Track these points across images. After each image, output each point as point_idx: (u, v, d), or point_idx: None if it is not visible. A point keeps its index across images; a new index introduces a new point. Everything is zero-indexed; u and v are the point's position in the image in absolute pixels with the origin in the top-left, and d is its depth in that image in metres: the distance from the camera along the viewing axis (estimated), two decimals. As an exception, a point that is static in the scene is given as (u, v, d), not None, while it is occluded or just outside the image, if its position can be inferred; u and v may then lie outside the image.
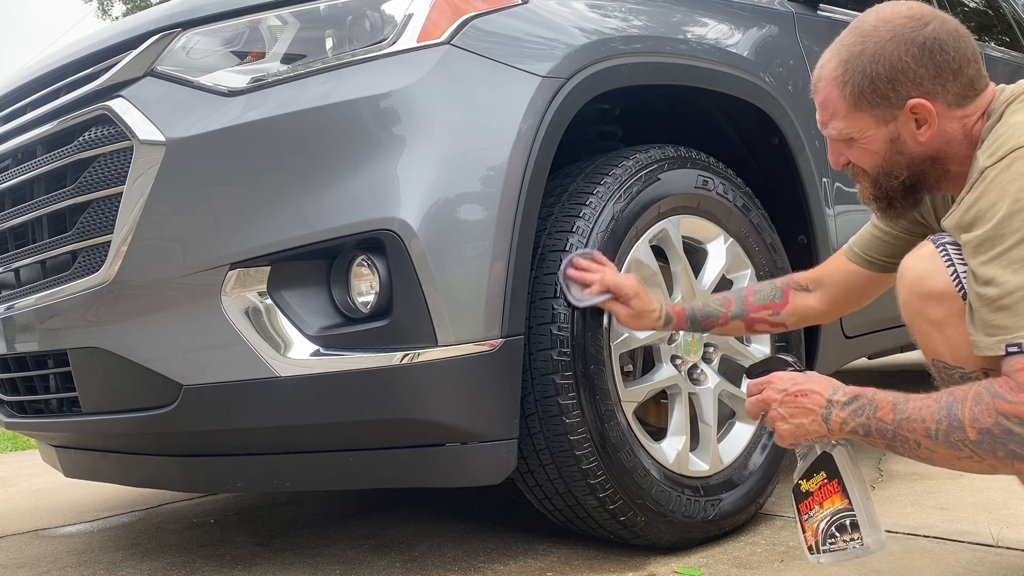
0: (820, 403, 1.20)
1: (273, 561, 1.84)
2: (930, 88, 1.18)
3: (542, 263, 1.58)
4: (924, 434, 1.08)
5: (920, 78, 1.18)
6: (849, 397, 1.17)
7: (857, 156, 1.27)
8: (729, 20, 2.04)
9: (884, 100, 1.20)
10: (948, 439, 1.06)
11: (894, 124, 1.21)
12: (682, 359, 1.75)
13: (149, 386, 1.53)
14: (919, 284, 1.16)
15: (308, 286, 1.48)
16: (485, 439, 1.47)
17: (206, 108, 1.50)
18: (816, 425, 1.20)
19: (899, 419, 1.11)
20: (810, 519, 1.27)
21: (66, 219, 1.61)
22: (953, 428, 1.06)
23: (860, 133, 1.24)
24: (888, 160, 1.24)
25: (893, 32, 1.19)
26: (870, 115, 1.22)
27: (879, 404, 1.14)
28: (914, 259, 1.18)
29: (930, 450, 1.09)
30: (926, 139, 1.20)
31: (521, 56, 1.55)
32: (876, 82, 1.19)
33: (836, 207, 2.13)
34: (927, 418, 1.08)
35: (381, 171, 1.43)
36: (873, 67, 1.19)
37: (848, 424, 1.16)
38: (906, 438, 1.10)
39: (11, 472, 3.48)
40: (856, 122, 1.23)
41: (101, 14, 20.97)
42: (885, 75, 1.19)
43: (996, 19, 3.73)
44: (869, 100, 1.21)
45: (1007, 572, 1.46)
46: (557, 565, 1.65)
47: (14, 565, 1.99)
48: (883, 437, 1.13)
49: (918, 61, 1.17)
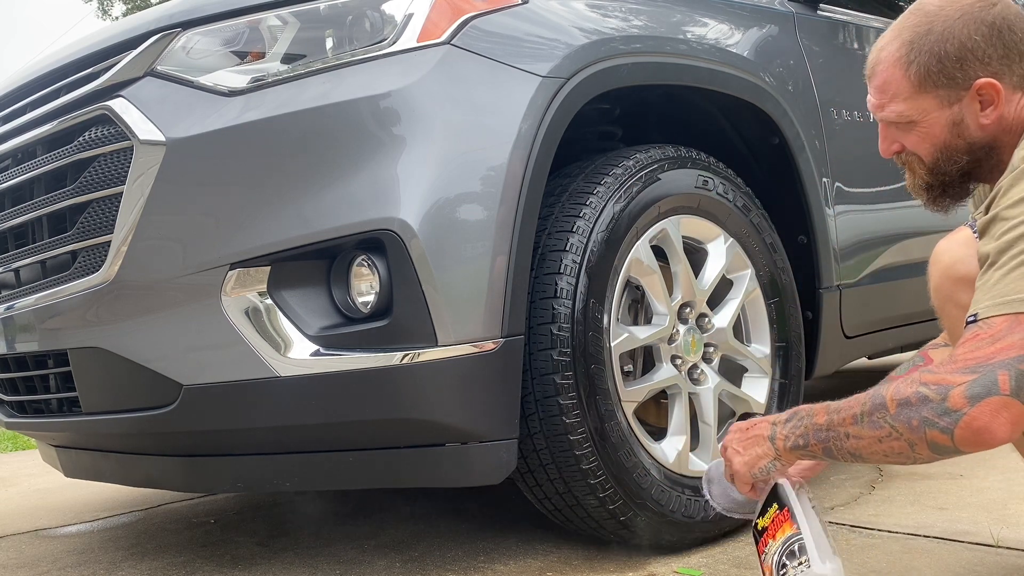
0: (766, 428, 1.21)
1: (273, 561, 1.84)
2: (997, 68, 1.16)
3: (542, 263, 1.58)
4: (851, 421, 1.07)
5: (989, 58, 1.15)
6: (789, 414, 1.18)
7: (915, 141, 1.23)
8: (729, 20, 2.04)
9: (951, 80, 1.17)
10: (871, 419, 1.05)
11: (958, 106, 1.18)
12: (682, 359, 1.75)
13: (149, 386, 1.53)
14: (953, 268, 1.15)
15: (308, 286, 1.48)
16: (485, 439, 1.47)
17: (206, 108, 1.50)
18: (764, 448, 1.20)
19: (831, 416, 1.10)
20: (766, 556, 1.22)
21: (66, 219, 1.61)
22: (876, 407, 1.05)
23: (922, 115, 1.21)
24: (948, 144, 1.21)
25: (962, 11, 1.17)
26: (934, 96, 1.19)
27: (815, 412, 1.14)
28: (949, 243, 1.18)
29: (856, 437, 1.07)
30: (991, 121, 1.18)
31: (521, 56, 1.55)
32: (944, 61, 1.17)
33: (836, 207, 2.13)
34: (854, 405, 1.08)
35: (381, 171, 1.43)
36: (941, 46, 1.17)
37: (790, 438, 1.16)
38: (837, 432, 1.09)
39: (11, 472, 3.48)
40: (919, 103, 1.20)
41: (101, 14, 20.98)
42: (954, 54, 1.16)
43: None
44: (935, 80, 1.18)
45: (1007, 572, 1.46)
46: (557, 565, 1.65)
47: (14, 565, 1.99)
48: (819, 440, 1.12)
49: (988, 40, 1.15)
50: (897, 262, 2.30)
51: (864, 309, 2.22)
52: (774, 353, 1.92)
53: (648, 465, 1.63)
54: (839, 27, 2.39)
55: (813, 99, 2.13)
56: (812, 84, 2.14)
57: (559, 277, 1.56)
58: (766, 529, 1.23)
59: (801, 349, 1.97)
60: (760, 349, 1.90)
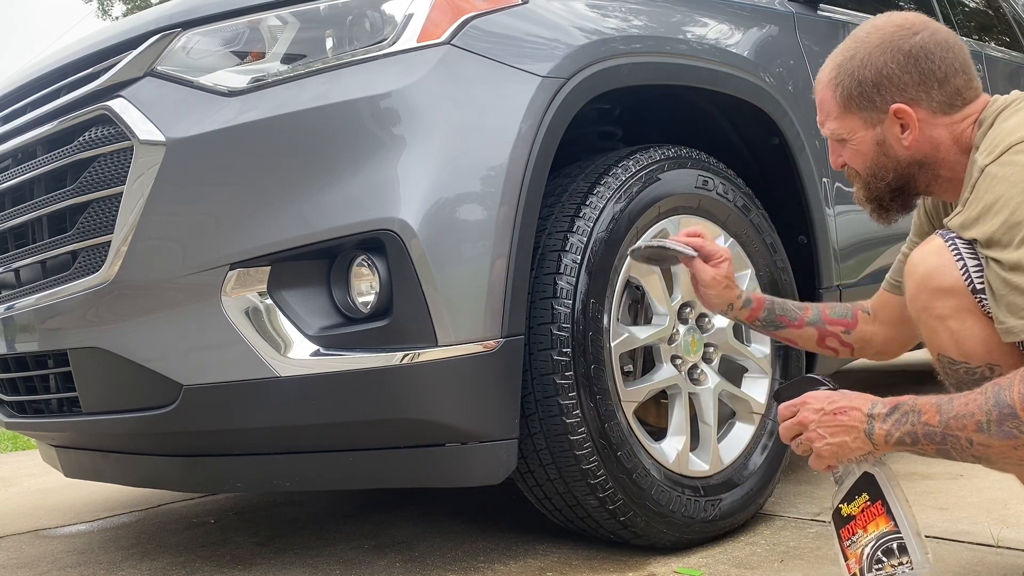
0: (860, 419, 1.16)
1: (273, 561, 1.84)
2: (914, 95, 1.24)
3: (542, 263, 1.58)
4: (975, 429, 1.04)
5: (904, 84, 1.24)
6: (889, 408, 1.14)
7: (849, 157, 1.33)
8: (729, 20, 2.04)
9: (870, 103, 1.26)
10: (1001, 428, 1.02)
11: (880, 127, 1.27)
12: (682, 359, 1.76)
13: (149, 386, 1.53)
14: (928, 278, 1.15)
15: (308, 286, 1.48)
16: (485, 439, 1.47)
17: (206, 108, 1.50)
18: (859, 442, 1.16)
19: (946, 419, 1.07)
20: (853, 544, 1.21)
21: (66, 219, 1.61)
22: (1004, 416, 1.02)
23: (850, 134, 1.30)
24: (876, 162, 1.30)
25: (882, 39, 1.25)
26: (859, 117, 1.28)
27: (922, 409, 1.10)
28: (923, 253, 1.17)
29: (984, 446, 1.05)
30: (910, 143, 1.26)
31: (521, 56, 1.55)
32: (863, 86, 1.26)
33: (836, 207, 2.13)
34: (975, 411, 1.04)
35: (381, 171, 1.43)
36: (861, 71, 1.26)
37: (893, 435, 1.12)
38: (957, 437, 1.06)
39: (11, 472, 3.48)
40: (846, 123, 1.30)
41: (101, 14, 20.96)
42: (871, 79, 1.25)
43: (996, 19, 3.73)
44: (857, 103, 1.27)
45: (1007, 572, 1.46)
46: (557, 565, 1.65)
47: (14, 565, 1.99)
48: (932, 442, 1.09)
49: (903, 68, 1.23)
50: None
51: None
52: (774, 353, 1.92)
53: (648, 465, 1.63)
54: (839, 27, 2.39)
55: (813, 99, 2.12)
56: (812, 84, 2.13)
57: (559, 277, 1.56)
58: (853, 517, 1.22)
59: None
60: (760, 349, 1.90)
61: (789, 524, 1.83)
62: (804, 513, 1.90)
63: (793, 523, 1.83)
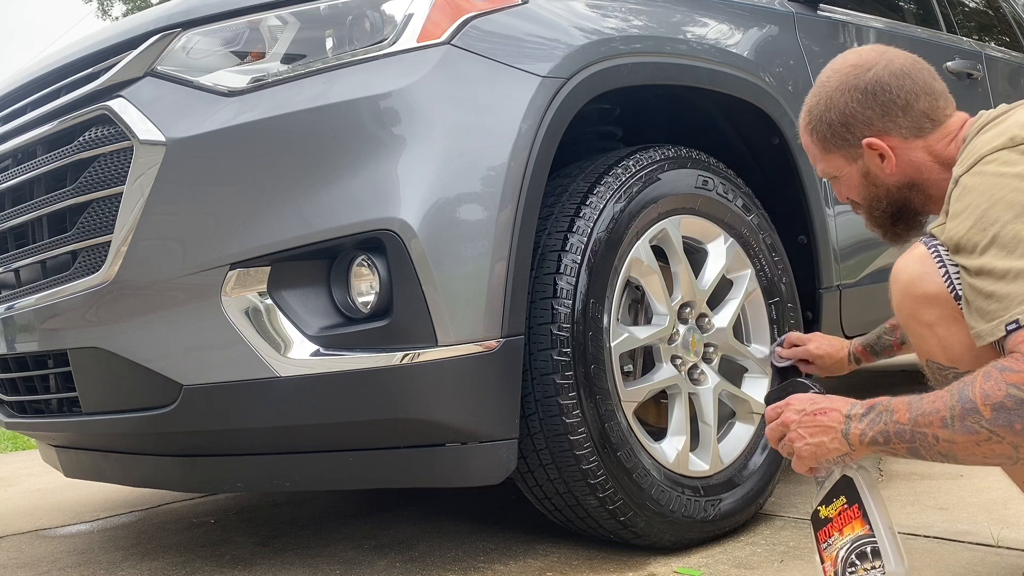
0: (838, 419, 1.18)
1: (273, 561, 1.84)
2: (881, 127, 1.30)
3: (542, 263, 1.58)
4: (940, 425, 1.06)
5: (869, 119, 1.30)
6: (865, 408, 1.15)
7: (846, 191, 1.40)
8: (729, 20, 2.04)
9: (844, 142, 1.33)
10: (964, 424, 1.04)
11: (862, 161, 1.34)
12: (682, 359, 1.75)
13: (149, 386, 1.53)
14: (912, 286, 1.18)
15: (308, 286, 1.48)
16: (485, 439, 1.47)
17: (206, 108, 1.50)
18: (836, 442, 1.17)
19: (914, 416, 1.08)
20: (829, 547, 1.22)
21: (66, 219, 1.61)
22: (967, 411, 1.03)
23: (838, 171, 1.38)
24: (868, 192, 1.36)
25: (839, 81, 1.32)
26: (839, 155, 1.36)
27: (895, 408, 1.12)
28: (906, 261, 1.20)
29: (949, 442, 1.06)
30: (892, 170, 1.31)
31: (521, 56, 1.55)
32: (832, 127, 1.33)
33: (836, 207, 2.13)
34: (940, 408, 1.06)
35: (381, 171, 1.43)
36: (827, 115, 1.33)
37: (867, 435, 1.14)
38: (924, 435, 1.07)
39: (11, 472, 3.48)
40: (831, 162, 1.37)
41: (101, 14, 20.96)
42: (838, 120, 1.32)
43: (996, 19, 3.73)
44: (833, 143, 1.35)
45: (1007, 572, 1.46)
46: (557, 565, 1.65)
47: (14, 565, 1.99)
48: (902, 440, 1.10)
49: (863, 104, 1.30)
50: (897, 262, 2.30)
51: (864, 309, 2.22)
52: (774, 353, 1.92)
53: (648, 465, 1.63)
54: (839, 27, 2.39)
55: (813, 99, 2.12)
56: (812, 84, 2.13)
57: (559, 277, 1.56)
58: (830, 519, 1.23)
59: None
60: (760, 349, 1.90)
61: (789, 524, 1.83)
62: (804, 513, 1.89)
63: (793, 523, 1.83)
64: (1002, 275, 1.04)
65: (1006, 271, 1.04)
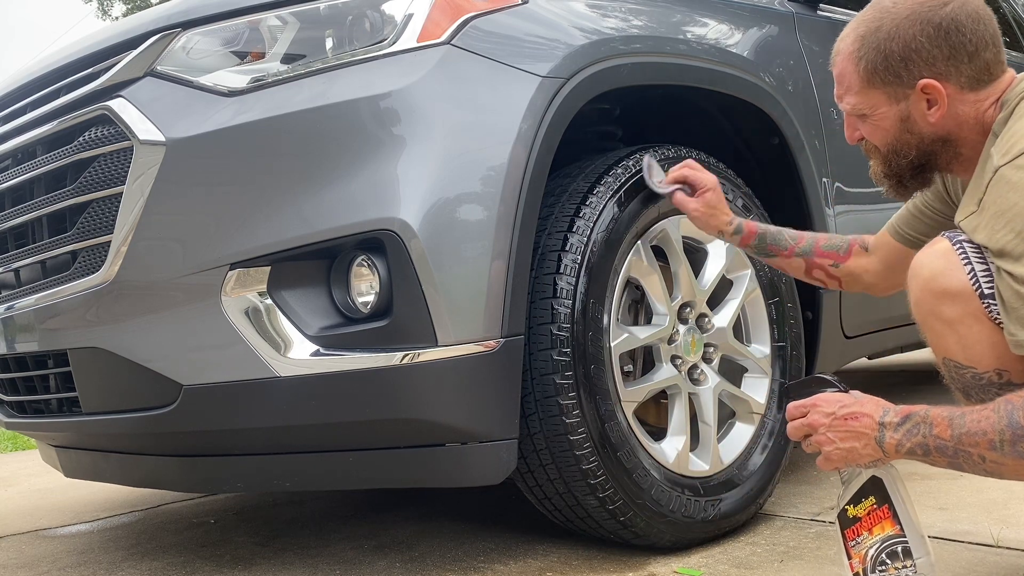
0: (871, 426, 1.15)
1: (273, 561, 1.84)
2: (943, 69, 1.18)
3: (542, 263, 1.58)
4: (988, 447, 1.04)
5: (933, 59, 1.18)
6: (901, 417, 1.13)
7: (869, 132, 1.27)
8: (729, 20, 2.04)
9: (896, 78, 1.20)
10: (1015, 449, 1.02)
11: (905, 103, 1.21)
12: (682, 359, 1.75)
13: (149, 386, 1.53)
14: (933, 281, 1.13)
15: (308, 286, 1.48)
16: (485, 439, 1.47)
17: (206, 108, 1.50)
18: (869, 449, 1.16)
19: (958, 434, 1.06)
20: (857, 545, 1.22)
21: (66, 219, 1.61)
22: (1018, 437, 1.01)
23: (872, 110, 1.24)
24: (898, 139, 1.24)
25: (911, 10, 1.19)
26: (882, 92, 1.22)
27: (934, 421, 1.09)
28: (928, 256, 1.15)
29: (997, 463, 1.05)
30: (936, 120, 1.20)
31: (521, 56, 1.55)
32: (889, 59, 1.20)
33: (836, 207, 2.13)
34: (988, 430, 1.04)
35: (381, 171, 1.43)
36: (887, 44, 1.19)
37: (904, 445, 1.12)
38: (969, 453, 1.06)
39: (11, 472, 3.48)
40: (869, 98, 1.24)
41: (101, 14, 20.96)
42: (899, 53, 1.19)
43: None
44: (882, 77, 1.21)
45: (1007, 572, 1.46)
46: (557, 565, 1.65)
47: (14, 565, 1.99)
48: (943, 455, 1.09)
49: (933, 41, 1.17)
50: (897, 262, 2.30)
51: (864, 309, 2.22)
52: (774, 353, 1.92)
53: (648, 465, 1.63)
54: (839, 27, 2.38)
55: (813, 99, 2.13)
56: (812, 84, 2.14)
57: (559, 277, 1.56)
58: (859, 519, 1.24)
59: (801, 349, 1.97)
60: (760, 349, 1.90)
61: (789, 524, 1.83)
62: (804, 513, 1.89)
63: (793, 523, 1.83)
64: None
65: None
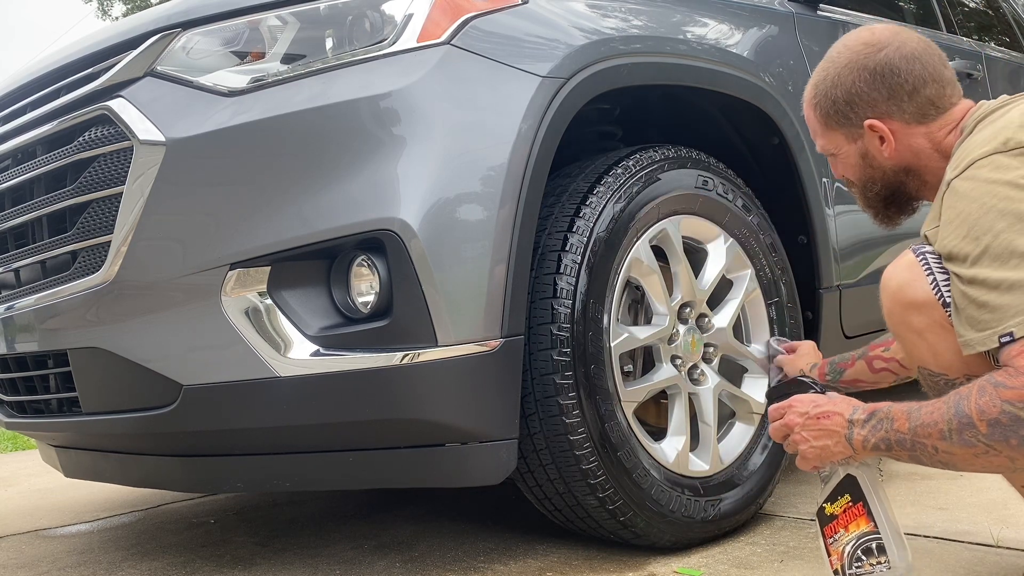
0: (842, 424, 1.20)
1: (273, 561, 1.84)
2: (885, 109, 1.28)
3: (542, 263, 1.58)
4: (939, 437, 1.08)
5: (874, 100, 1.28)
6: (867, 414, 1.18)
7: (842, 169, 1.40)
8: (729, 20, 2.04)
9: (847, 120, 1.32)
10: (961, 437, 1.06)
11: (861, 141, 1.33)
12: (682, 359, 1.75)
13: (149, 386, 1.53)
14: (901, 293, 1.18)
15: (308, 286, 1.48)
16: (485, 439, 1.47)
17: (206, 108, 1.50)
18: (840, 446, 1.21)
19: (914, 426, 1.11)
20: (835, 542, 1.25)
21: (66, 219, 1.61)
22: (964, 425, 1.06)
23: (837, 149, 1.37)
24: (864, 173, 1.36)
25: (849, 59, 1.31)
26: (840, 133, 1.34)
27: (895, 416, 1.14)
28: (895, 268, 1.21)
29: (948, 452, 1.09)
30: (890, 154, 1.30)
31: (521, 56, 1.55)
32: (836, 104, 1.32)
33: (836, 207, 2.13)
34: (938, 420, 1.08)
35: (381, 171, 1.43)
36: (833, 91, 1.32)
37: (869, 441, 1.16)
38: (923, 445, 1.10)
39: (11, 472, 3.48)
40: (831, 140, 1.37)
41: (101, 14, 20.95)
42: (843, 98, 1.31)
43: (996, 19, 3.73)
44: (836, 120, 1.33)
45: (1007, 572, 1.46)
46: (557, 565, 1.65)
47: (14, 565, 1.99)
48: (903, 448, 1.13)
49: (870, 85, 1.28)
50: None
51: (864, 309, 2.21)
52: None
53: (648, 465, 1.63)
54: (839, 27, 2.39)
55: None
56: (812, 84, 2.14)
57: (559, 277, 1.56)
58: (835, 516, 1.27)
59: (801, 349, 1.96)
60: (760, 349, 1.90)
61: (789, 524, 1.83)
62: (804, 513, 1.89)
63: (793, 523, 1.83)
64: (995, 285, 1.05)
65: (999, 282, 1.05)
